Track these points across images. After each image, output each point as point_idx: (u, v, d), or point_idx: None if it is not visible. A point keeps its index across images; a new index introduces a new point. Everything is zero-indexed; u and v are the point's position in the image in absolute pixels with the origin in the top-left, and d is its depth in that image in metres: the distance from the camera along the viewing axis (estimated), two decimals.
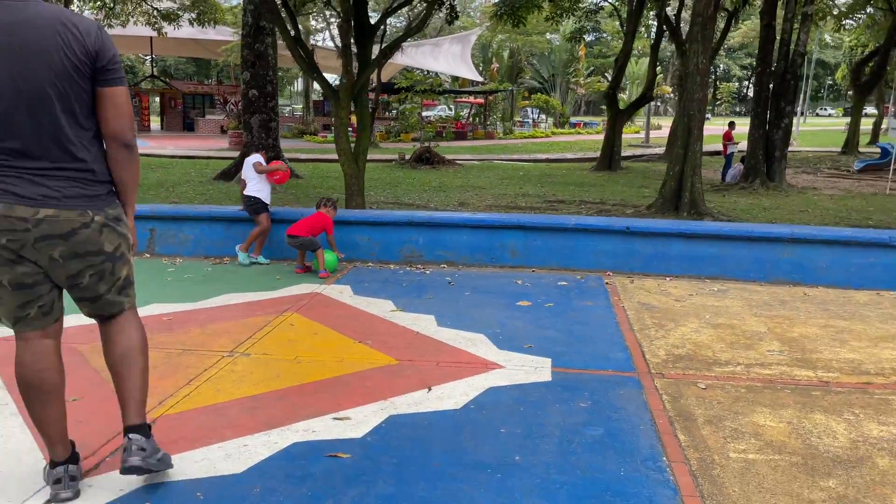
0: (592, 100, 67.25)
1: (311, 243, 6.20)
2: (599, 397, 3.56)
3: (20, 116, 2.28)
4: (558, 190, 15.69)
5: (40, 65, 2.27)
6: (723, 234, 6.12)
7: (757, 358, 4.16)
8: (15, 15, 2.26)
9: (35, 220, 2.34)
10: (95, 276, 2.53)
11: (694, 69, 11.86)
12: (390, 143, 31.48)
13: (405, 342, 4.44)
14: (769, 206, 13.51)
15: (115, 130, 2.44)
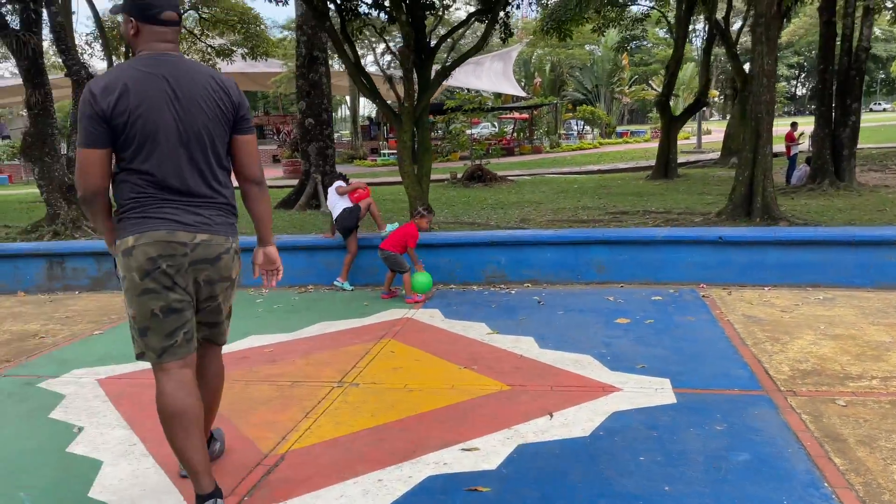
0: (635, 108, 66.58)
1: (395, 261, 6.14)
2: (734, 419, 3.39)
3: (180, 155, 2.56)
4: (618, 201, 15.44)
5: (198, 112, 2.57)
6: (822, 240, 5.86)
7: (891, 371, 3.93)
8: (176, 67, 2.57)
9: (193, 244, 2.58)
10: (219, 302, 2.80)
11: (759, 71, 11.53)
12: (439, 164, 31.61)
13: (511, 366, 4.34)
14: (843, 208, 13.01)
15: (248, 171, 2.76)
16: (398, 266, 6.16)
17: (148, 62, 2.55)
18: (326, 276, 6.88)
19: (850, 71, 16.23)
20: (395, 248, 6.15)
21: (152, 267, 2.53)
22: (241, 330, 5.39)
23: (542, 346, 4.70)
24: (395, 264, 6.17)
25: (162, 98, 2.52)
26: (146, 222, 2.53)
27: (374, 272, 6.80)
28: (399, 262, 6.15)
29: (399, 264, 6.15)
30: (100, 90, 2.48)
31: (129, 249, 2.55)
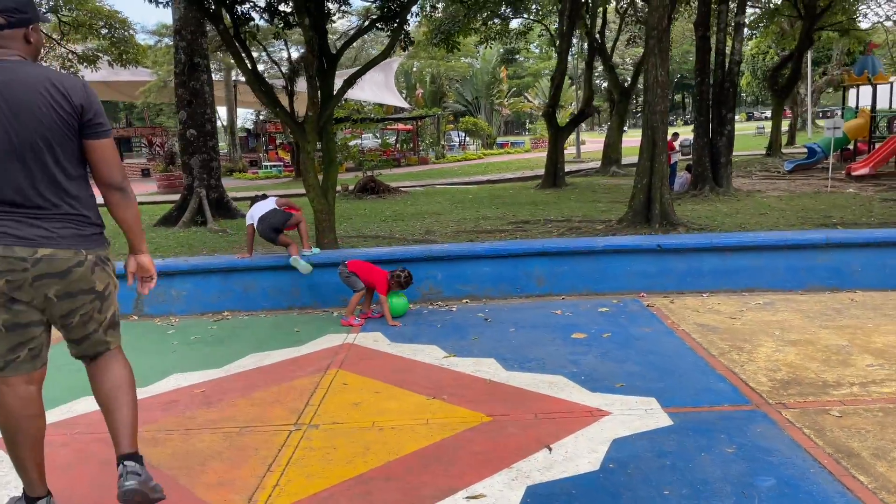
0: (511, 120, 68.40)
1: (350, 280, 5.78)
2: (740, 439, 3.23)
3: (14, 166, 2.45)
4: (515, 210, 15.50)
5: (30, 119, 2.44)
6: (757, 245, 5.96)
7: (863, 375, 3.94)
8: (6, 75, 2.44)
9: (33, 259, 2.48)
10: (86, 316, 2.66)
11: (654, 82, 11.89)
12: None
13: (483, 393, 4.00)
14: (729, 212, 13.69)
15: (106, 177, 2.60)
16: (350, 285, 5.78)
17: None
18: (245, 300, 6.26)
19: (724, 83, 17.23)
20: (364, 278, 5.79)
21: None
22: (160, 368, 4.72)
23: (508, 369, 4.39)
24: (346, 282, 5.81)
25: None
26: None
27: (296, 294, 6.26)
28: (350, 282, 5.77)
29: (350, 283, 5.77)
30: None
31: None
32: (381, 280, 5.68)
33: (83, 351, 2.74)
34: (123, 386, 2.76)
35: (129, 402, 2.75)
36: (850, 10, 27.25)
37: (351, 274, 5.75)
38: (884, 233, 6.03)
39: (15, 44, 2.53)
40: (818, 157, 21.70)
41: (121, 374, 2.78)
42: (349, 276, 5.75)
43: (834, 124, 16.62)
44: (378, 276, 5.71)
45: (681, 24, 32.56)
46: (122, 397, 2.73)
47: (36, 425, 2.61)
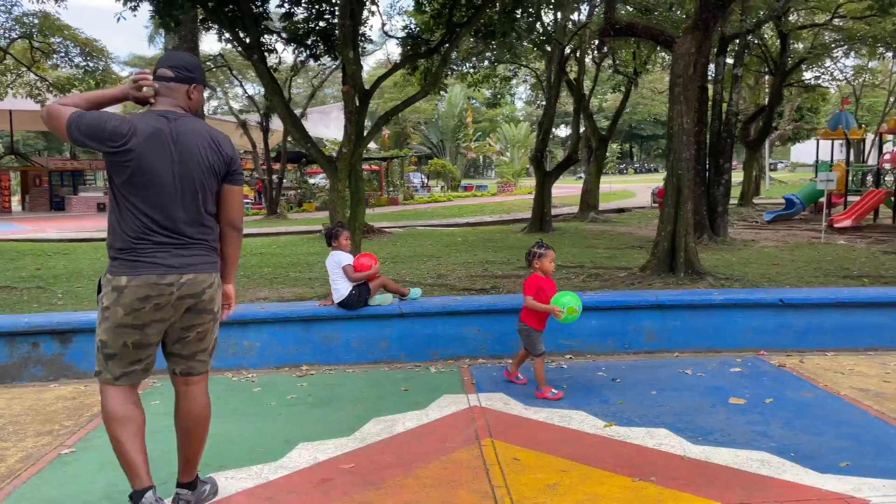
0: (468, 163, 68.87)
1: (525, 335, 4.78)
2: None
3: (175, 205, 2.83)
4: (515, 254, 15.08)
5: (194, 166, 2.85)
6: (882, 302, 5.64)
7: None
8: (179, 126, 2.86)
9: (179, 283, 2.84)
10: (202, 332, 3.00)
11: (679, 129, 11.74)
12: (297, 213, 30.01)
13: (693, 474, 3.45)
14: (739, 262, 13.57)
15: (234, 218, 3.04)
16: (530, 345, 4.79)
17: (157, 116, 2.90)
18: (326, 353, 5.57)
19: (721, 133, 17.43)
20: (528, 319, 4.78)
21: (140, 306, 2.80)
22: (278, 436, 4.02)
23: (694, 442, 3.86)
24: (525, 337, 4.81)
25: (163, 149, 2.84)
26: (139, 266, 2.79)
27: (384, 346, 5.62)
28: (528, 335, 4.77)
29: (531, 343, 4.75)
30: None
31: (122, 288, 2.80)
32: (533, 282, 4.74)
33: (188, 367, 3.02)
34: (206, 419, 3.08)
35: (204, 437, 3.07)
36: (818, 68, 28.37)
37: (531, 330, 4.74)
38: None
39: (179, 97, 2.94)
40: (797, 209, 22.12)
41: (206, 405, 3.08)
42: (530, 332, 4.75)
43: (827, 177, 16.90)
44: (525, 289, 4.80)
45: (650, 74, 33.29)
46: (202, 432, 3.05)
47: (136, 417, 2.92)
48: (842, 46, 25.30)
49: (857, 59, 30.34)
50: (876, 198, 20.03)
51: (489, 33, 11.69)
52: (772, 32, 23.41)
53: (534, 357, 4.73)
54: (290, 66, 22.87)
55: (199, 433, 3.04)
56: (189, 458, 3.04)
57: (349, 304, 5.53)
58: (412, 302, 5.71)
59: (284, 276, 11.14)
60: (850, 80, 34.18)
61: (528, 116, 68.86)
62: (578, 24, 21.41)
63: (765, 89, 30.05)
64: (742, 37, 17.75)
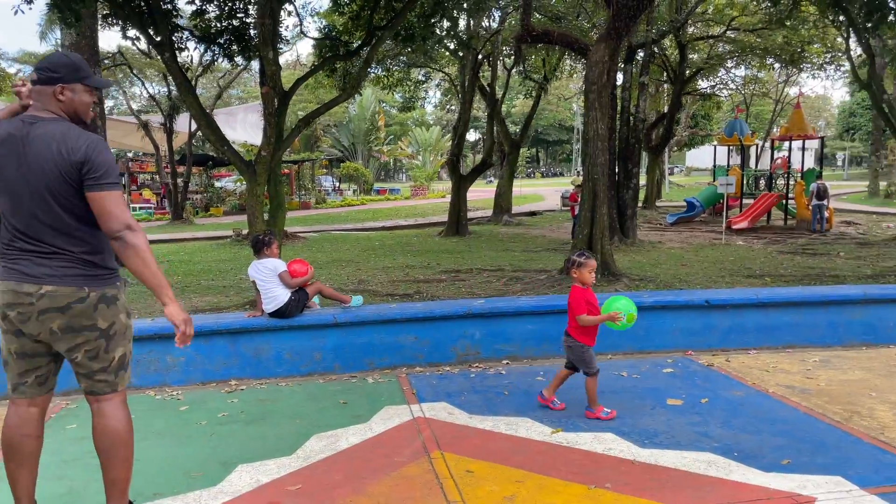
0: (378, 167, 68.51)
1: (578, 354, 4.40)
2: None
3: (27, 212, 2.72)
4: (434, 258, 15.09)
5: (41, 172, 2.70)
6: (799, 301, 5.92)
7: None
8: (33, 130, 2.73)
9: (38, 294, 2.72)
10: (91, 352, 2.82)
11: (594, 135, 12.04)
12: (203, 219, 28.88)
13: (646, 478, 3.48)
14: (649, 263, 14.06)
15: (109, 228, 2.73)
16: (583, 364, 4.40)
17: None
18: (255, 366, 5.31)
19: (629, 139, 18.03)
20: (580, 335, 4.39)
21: (8, 312, 2.76)
22: (214, 457, 3.77)
23: (640, 445, 3.90)
24: (579, 360, 4.43)
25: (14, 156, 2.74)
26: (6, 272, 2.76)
27: (318, 358, 5.41)
28: (585, 359, 4.38)
29: (585, 361, 4.39)
30: None
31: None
32: (576, 296, 4.38)
33: (91, 387, 2.87)
34: (122, 439, 2.89)
35: (126, 458, 2.90)
36: (714, 77, 29.91)
37: (585, 347, 4.37)
38: None
39: (46, 100, 2.79)
40: (697, 211, 23.20)
41: (122, 422, 2.90)
42: (583, 350, 4.38)
43: (726, 181, 17.78)
44: (569, 303, 4.43)
45: (556, 81, 34.13)
46: (121, 452, 2.88)
47: (32, 444, 2.86)
48: (735, 57, 26.75)
49: (748, 69, 32.18)
50: (769, 200, 21.29)
51: (409, 37, 11.59)
52: (671, 43, 24.45)
53: (588, 375, 4.37)
54: (197, 66, 22.02)
55: (117, 453, 2.87)
56: (114, 482, 2.89)
57: (288, 311, 5.31)
58: (347, 311, 5.54)
59: (196, 285, 10.65)
60: (741, 90, 36.24)
61: (439, 120, 69.29)
62: (490, 31, 21.65)
63: (664, 97, 31.37)
64: (647, 47, 18.44)
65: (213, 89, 35.06)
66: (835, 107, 73.31)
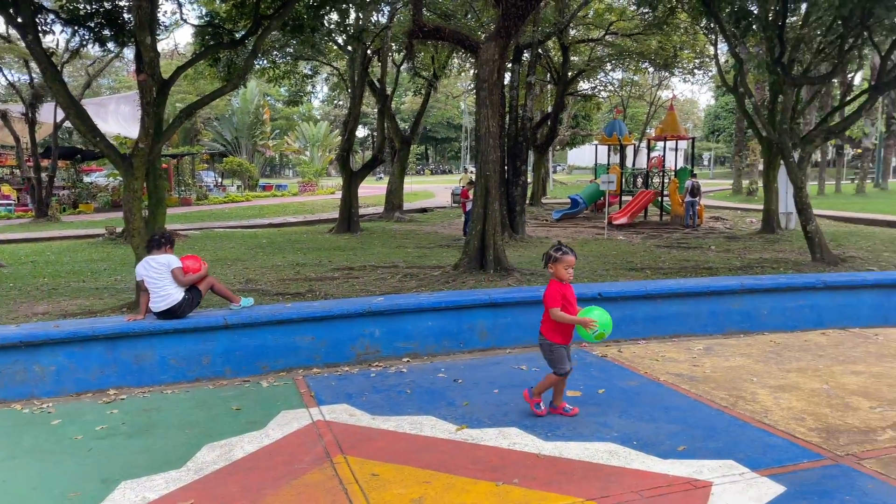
0: (268, 163, 66.53)
1: (547, 351, 4.27)
2: (867, 499, 3.15)
3: None
4: (325, 256, 14.79)
5: None
6: (684, 292, 6.19)
7: (882, 419, 4.15)
8: None
9: None
10: None
11: (486, 133, 12.16)
12: (71, 216, 26.91)
13: (552, 471, 3.49)
14: (536, 258, 14.36)
15: None
16: (551, 363, 4.28)
17: None
18: (137, 374, 4.92)
19: (518, 137, 18.38)
20: (551, 334, 4.25)
21: None
22: (93, 475, 3.44)
23: (544, 438, 3.91)
24: (548, 358, 4.30)
25: None
26: None
27: (206, 362, 5.09)
28: (553, 358, 4.25)
29: (553, 360, 4.25)
30: None
31: None
32: (549, 291, 4.26)
33: None
34: None
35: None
36: (594, 79, 31.10)
37: (554, 346, 4.24)
38: (784, 279, 6.66)
39: None
40: (581, 208, 24.05)
41: None
42: (552, 348, 4.24)
43: (608, 179, 18.51)
44: (544, 295, 4.31)
45: (444, 79, 34.38)
46: None
47: None
48: (613, 60, 27.93)
49: (625, 72, 33.71)
50: (646, 198, 22.37)
51: (297, 27, 11.23)
52: (555, 45, 25.17)
53: (555, 374, 4.26)
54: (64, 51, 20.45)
55: None
56: None
57: (181, 311, 4.98)
58: (238, 312, 5.25)
59: (65, 287, 9.86)
60: (619, 92, 37.93)
61: (327, 115, 68.14)
62: (380, 26, 21.44)
63: (549, 97, 32.30)
64: (533, 47, 18.86)
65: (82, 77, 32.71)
66: (701, 110, 78.40)
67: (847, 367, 5.21)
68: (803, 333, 6.25)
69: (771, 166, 17.28)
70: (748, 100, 15.95)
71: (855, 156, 39.93)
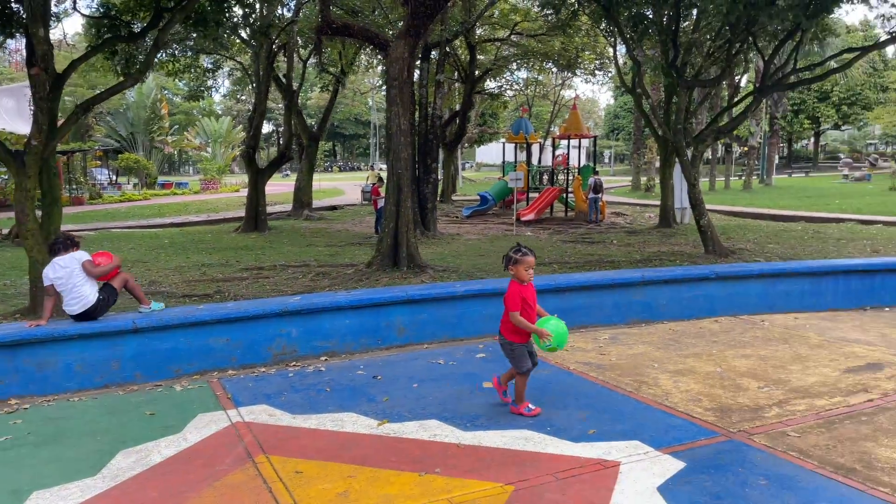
0: (166, 160, 63.94)
1: (508, 351, 4.35)
2: (757, 471, 3.46)
3: None
4: (233, 256, 14.47)
5: None
6: (590, 285, 6.48)
7: (768, 397, 4.53)
8: None
9: None
10: None
11: (397, 130, 12.24)
12: None
13: (473, 459, 3.63)
14: (448, 254, 14.62)
15: None
16: (512, 361, 4.33)
17: None
18: (41, 382, 4.71)
19: (428, 135, 18.54)
20: (510, 334, 4.32)
21: None
22: (4, 487, 3.30)
23: (463, 428, 4.05)
24: (509, 357, 4.36)
25: None
26: None
27: (115, 367, 4.94)
28: (514, 356, 4.31)
29: (514, 359, 4.31)
30: None
31: None
32: (508, 293, 4.31)
33: None
34: None
35: None
36: (500, 78, 31.72)
37: (514, 345, 4.30)
38: (681, 271, 7.09)
39: None
40: (490, 205, 24.51)
41: None
42: (513, 347, 4.31)
43: (516, 176, 18.98)
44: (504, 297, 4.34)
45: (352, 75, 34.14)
46: None
47: None
48: (518, 60, 28.60)
49: (530, 72, 34.57)
50: (552, 194, 23.07)
51: (200, 21, 10.92)
52: (462, 44, 25.52)
53: (518, 373, 4.32)
54: None
55: None
56: None
57: (97, 311, 4.81)
58: (149, 314, 5.12)
59: None
60: (525, 91, 38.85)
61: (229, 111, 66.14)
62: (285, 20, 21.07)
63: (457, 95, 32.67)
64: (442, 46, 19.06)
65: None
66: (602, 109, 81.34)
67: (737, 352, 5.63)
68: (698, 321, 6.69)
69: (667, 164, 18.21)
70: (645, 100, 16.77)
71: (742, 154, 42.59)
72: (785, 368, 5.15)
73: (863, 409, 4.29)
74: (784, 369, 5.13)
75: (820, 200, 25.22)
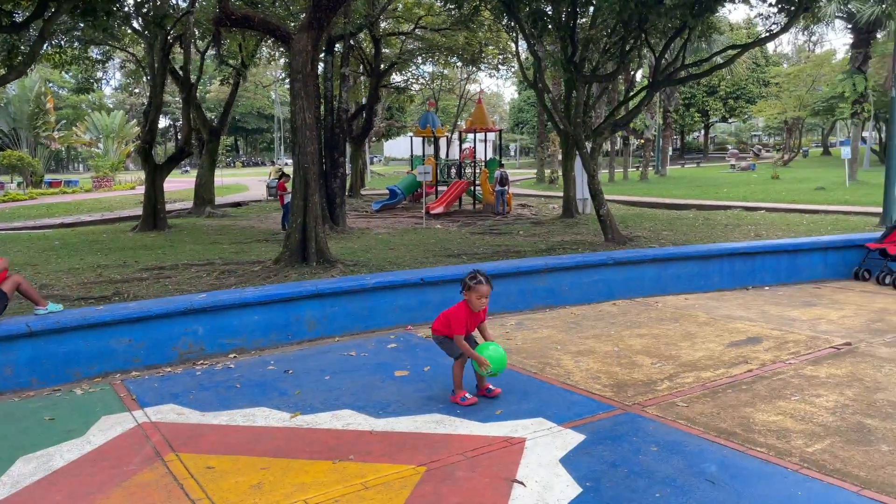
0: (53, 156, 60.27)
1: (440, 343, 4.53)
2: (650, 438, 3.73)
3: None
4: (131, 256, 13.93)
5: None
6: (497, 273, 6.67)
7: (660, 372, 4.85)
8: None
9: None
10: None
11: (302, 124, 12.11)
12: None
13: (386, 444, 3.73)
14: (361, 248, 14.63)
15: None
16: (448, 351, 4.50)
17: None
18: None
19: (334, 128, 18.39)
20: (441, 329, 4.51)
21: None
22: None
23: (375, 416, 4.14)
24: (443, 348, 4.54)
25: None
26: None
27: (9, 373, 4.73)
28: (444, 347, 4.51)
29: (446, 349, 4.50)
30: None
31: None
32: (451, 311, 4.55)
33: None
34: None
35: None
36: (406, 72, 31.80)
37: (443, 338, 4.50)
38: (583, 257, 7.41)
39: None
40: (399, 198, 24.60)
41: None
42: (443, 340, 4.50)
43: (424, 170, 19.15)
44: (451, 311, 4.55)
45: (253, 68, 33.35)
46: None
47: None
48: (423, 54, 28.75)
49: (435, 66, 34.83)
50: (460, 187, 23.40)
51: (89, 11, 10.45)
52: (367, 37, 25.43)
53: (455, 360, 4.47)
54: None
55: None
56: None
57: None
58: (44, 317, 4.91)
59: None
60: (430, 85, 39.11)
61: (121, 104, 63.09)
62: (180, 11, 20.35)
63: (363, 89, 32.50)
64: (346, 39, 18.94)
65: None
66: (507, 103, 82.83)
67: (633, 332, 5.98)
68: (598, 305, 7.04)
69: (568, 156, 18.84)
70: (547, 95, 17.29)
71: (639, 146, 44.51)
72: (675, 345, 5.52)
73: (743, 379, 4.67)
74: (675, 346, 5.50)
75: (710, 189, 26.75)
